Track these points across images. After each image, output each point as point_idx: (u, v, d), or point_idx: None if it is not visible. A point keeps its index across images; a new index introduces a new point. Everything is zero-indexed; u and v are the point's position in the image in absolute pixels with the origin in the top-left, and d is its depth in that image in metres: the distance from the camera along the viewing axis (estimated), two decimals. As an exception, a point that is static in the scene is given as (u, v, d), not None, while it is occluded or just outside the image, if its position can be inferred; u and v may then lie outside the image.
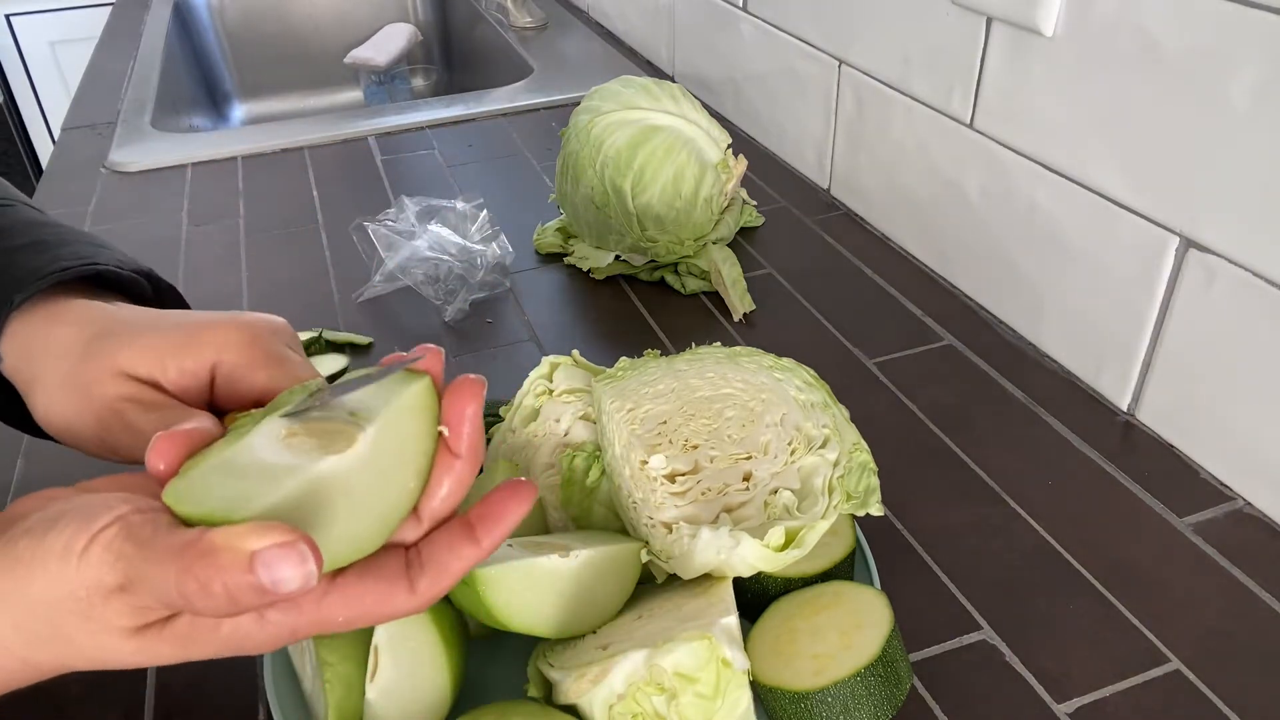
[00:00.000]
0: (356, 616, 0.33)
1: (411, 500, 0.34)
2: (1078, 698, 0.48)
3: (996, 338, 0.75)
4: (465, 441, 0.35)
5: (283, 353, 0.41)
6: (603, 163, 0.79)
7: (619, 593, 0.46)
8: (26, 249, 0.44)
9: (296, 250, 0.91)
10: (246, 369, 0.40)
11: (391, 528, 0.34)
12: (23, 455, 0.66)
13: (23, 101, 2.26)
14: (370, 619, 0.33)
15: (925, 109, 0.80)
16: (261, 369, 0.40)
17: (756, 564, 0.45)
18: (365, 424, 0.34)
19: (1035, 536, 0.58)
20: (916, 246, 0.86)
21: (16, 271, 0.43)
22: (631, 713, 0.41)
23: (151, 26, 1.55)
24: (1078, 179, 0.67)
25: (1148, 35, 0.59)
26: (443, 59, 1.87)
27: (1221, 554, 0.56)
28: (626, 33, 1.44)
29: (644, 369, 0.54)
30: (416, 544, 0.35)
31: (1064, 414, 0.67)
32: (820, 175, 0.99)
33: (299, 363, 0.41)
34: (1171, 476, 0.62)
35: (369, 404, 0.35)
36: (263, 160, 1.10)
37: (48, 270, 0.43)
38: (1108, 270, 0.66)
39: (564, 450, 0.53)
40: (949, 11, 0.74)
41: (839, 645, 0.44)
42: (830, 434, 0.48)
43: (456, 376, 0.36)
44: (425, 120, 1.18)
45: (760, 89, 1.07)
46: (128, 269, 0.46)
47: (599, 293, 0.83)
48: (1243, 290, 0.57)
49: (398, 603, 0.33)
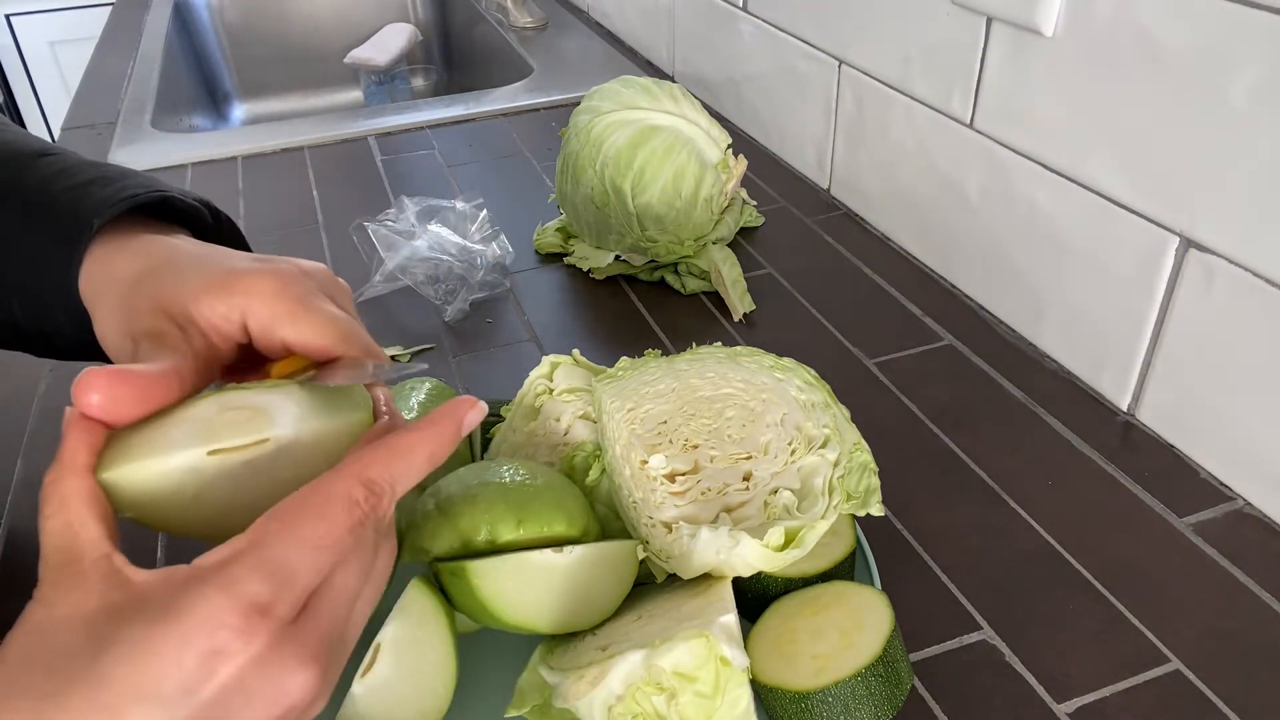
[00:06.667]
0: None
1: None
2: (1078, 698, 0.48)
3: (996, 338, 0.75)
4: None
5: (309, 307, 0.41)
6: (603, 163, 0.79)
7: (616, 590, 0.46)
8: (95, 183, 0.46)
9: (296, 250, 0.91)
10: (270, 322, 0.40)
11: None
12: (22, 455, 0.66)
13: (23, 101, 2.27)
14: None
15: (925, 109, 0.80)
16: (286, 324, 0.40)
17: (756, 564, 0.45)
18: (278, 428, 0.36)
19: (1035, 536, 0.58)
20: (916, 246, 0.86)
21: (90, 202, 0.44)
22: (631, 713, 0.41)
23: (151, 26, 1.55)
24: (1078, 179, 0.67)
25: (1148, 35, 0.59)
26: (443, 59, 1.87)
27: (1221, 554, 0.56)
28: (626, 33, 1.44)
29: (644, 369, 0.54)
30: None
31: (1064, 414, 0.67)
32: (820, 175, 0.99)
33: (323, 319, 0.41)
34: (1171, 476, 0.62)
35: (310, 408, 0.37)
36: (263, 160, 1.10)
37: (119, 198, 0.44)
38: (1107, 270, 0.66)
39: (564, 449, 0.53)
40: (949, 11, 0.74)
41: (839, 645, 0.44)
42: (830, 434, 0.48)
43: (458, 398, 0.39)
44: (425, 120, 1.18)
45: (760, 89, 1.07)
46: (190, 198, 0.48)
47: (599, 293, 0.83)
48: (1243, 290, 0.57)
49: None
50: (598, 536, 0.48)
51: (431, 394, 0.58)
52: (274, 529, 0.32)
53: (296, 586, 0.32)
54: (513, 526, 0.44)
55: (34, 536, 0.58)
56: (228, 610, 0.30)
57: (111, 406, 0.35)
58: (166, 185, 0.47)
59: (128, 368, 0.37)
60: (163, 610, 0.30)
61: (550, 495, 0.46)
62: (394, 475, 0.36)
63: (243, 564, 0.31)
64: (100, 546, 0.33)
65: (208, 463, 0.35)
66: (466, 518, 0.44)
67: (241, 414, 0.36)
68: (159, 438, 0.35)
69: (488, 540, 0.44)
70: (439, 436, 0.37)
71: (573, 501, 0.47)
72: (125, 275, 0.42)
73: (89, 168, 0.47)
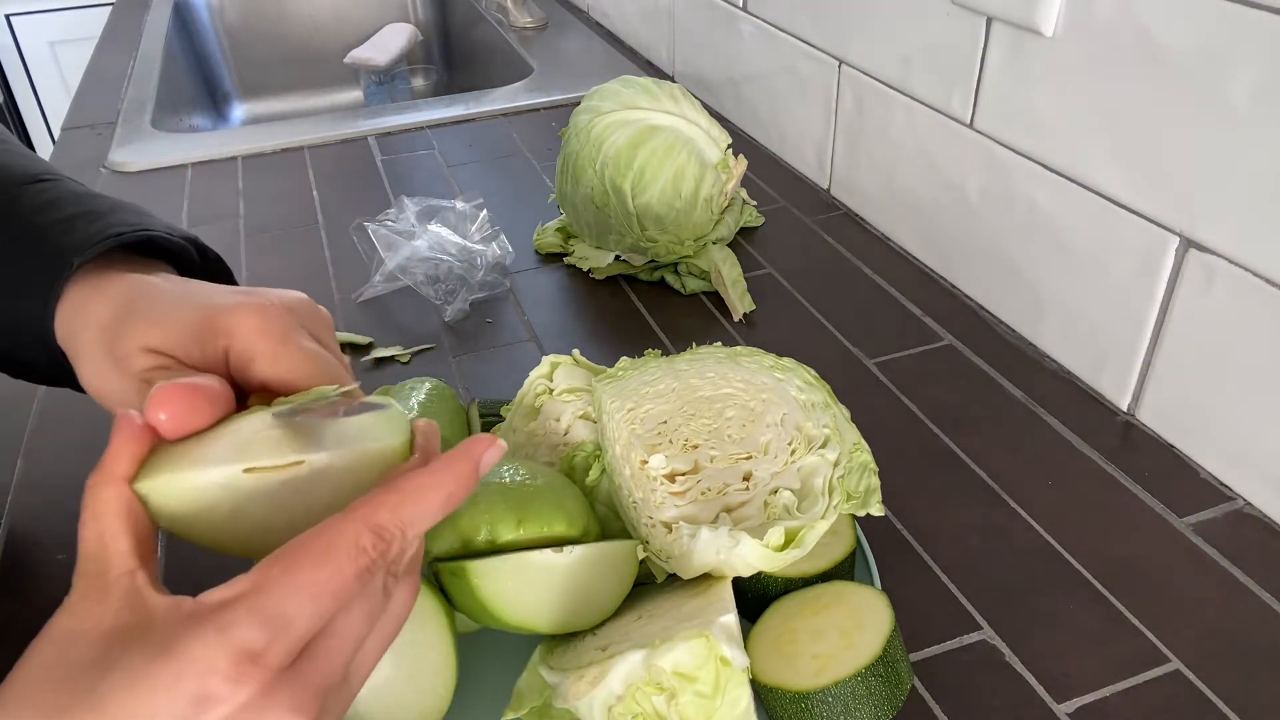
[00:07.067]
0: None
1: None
2: (1078, 698, 0.48)
3: (996, 338, 0.75)
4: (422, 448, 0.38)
5: (289, 344, 0.41)
6: (603, 163, 0.79)
7: (616, 590, 0.46)
8: (81, 217, 0.45)
9: (296, 250, 0.91)
10: (250, 361, 0.40)
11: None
12: (23, 455, 0.66)
13: (23, 101, 2.27)
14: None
15: (925, 109, 0.80)
16: (266, 364, 0.40)
17: (756, 564, 0.45)
18: (315, 452, 0.36)
19: (1035, 536, 0.58)
20: (916, 246, 0.86)
21: (73, 238, 0.44)
22: (631, 713, 0.41)
23: (151, 26, 1.55)
24: (1078, 179, 0.67)
25: (1148, 35, 0.59)
26: (443, 59, 1.87)
27: (1221, 554, 0.56)
28: (626, 33, 1.44)
29: (644, 368, 0.54)
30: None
31: (1064, 414, 0.67)
32: (820, 175, 0.99)
33: (303, 358, 0.40)
34: (1171, 476, 0.62)
35: (350, 433, 0.37)
36: (263, 160, 1.10)
37: (102, 236, 0.44)
38: (1108, 270, 0.66)
39: (564, 449, 0.53)
40: (949, 11, 0.74)
41: (839, 645, 0.44)
42: (831, 434, 0.48)
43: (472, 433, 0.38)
44: (425, 120, 1.18)
45: (760, 89, 1.07)
46: (176, 236, 0.48)
47: (599, 293, 0.83)
48: (1242, 290, 0.57)
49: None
50: (598, 536, 0.48)
51: (431, 394, 0.58)
52: (274, 573, 0.32)
53: (292, 634, 0.31)
54: (513, 526, 0.44)
55: (34, 536, 0.58)
56: (219, 655, 0.30)
57: (175, 424, 0.35)
58: (152, 222, 0.47)
59: (198, 384, 0.36)
60: (162, 645, 0.30)
61: (550, 495, 0.46)
62: (404, 520, 0.34)
63: (240, 608, 0.31)
64: (126, 562, 0.33)
65: (243, 480, 0.35)
66: (466, 517, 0.44)
67: (283, 433, 0.36)
68: (199, 451, 0.35)
69: (488, 540, 0.44)
70: (456, 478, 0.36)
71: (573, 501, 0.47)
72: (102, 320, 0.42)
73: (77, 200, 0.47)
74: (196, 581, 0.33)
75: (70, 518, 0.34)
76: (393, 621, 0.36)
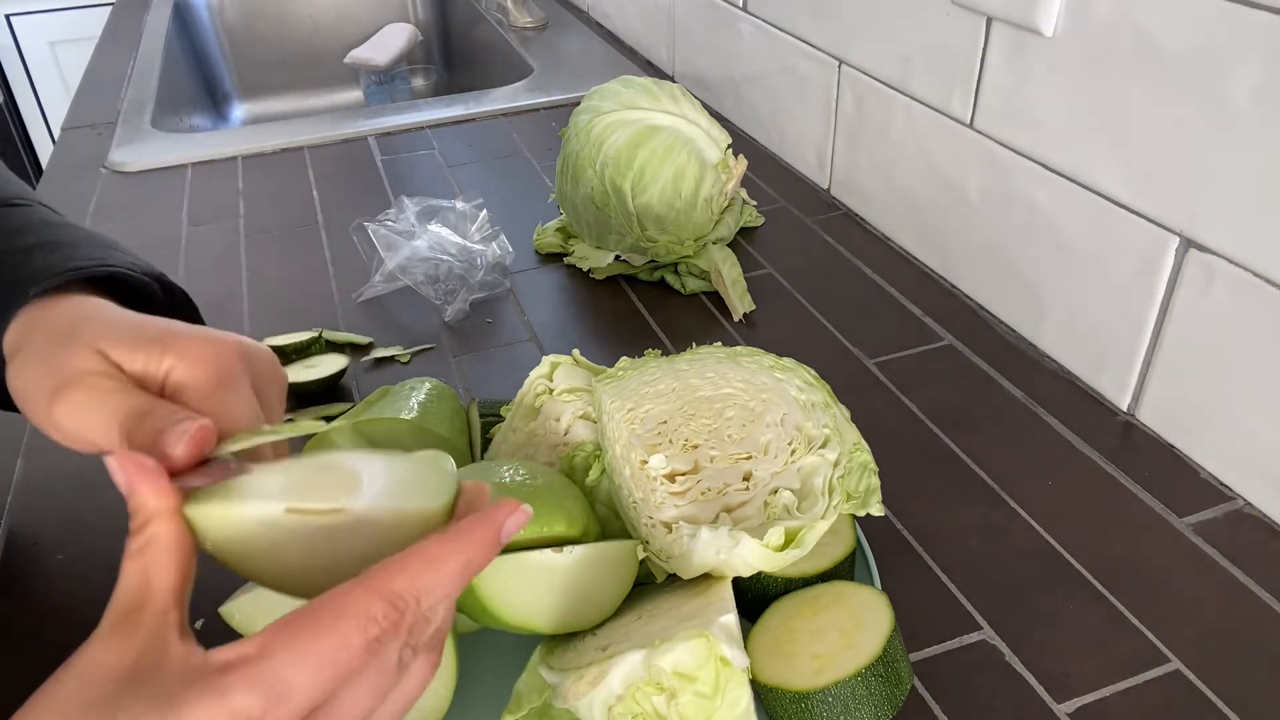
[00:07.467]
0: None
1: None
2: (1078, 698, 0.48)
3: (996, 338, 0.75)
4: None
5: (227, 388, 0.40)
6: (603, 163, 0.79)
7: (616, 590, 0.46)
8: (42, 247, 0.44)
9: (296, 250, 0.91)
10: (185, 387, 0.39)
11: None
12: (23, 455, 0.66)
13: (23, 101, 2.26)
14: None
15: (925, 109, 0.80)
16: (196, 397, 0.39)
17: (756, 564, 0.45)
18: (357, 501, 0.35)
19: (1035, 536, 0.58)
20: (916, 246, 0.86)
21: (32, 268, 0.43)
22: (632, 713, 0.41)
23: (151, 26, 1.55)
24: (1078, 179, 0.67)
25: (1148, 35, 0.59)
26: (443, 59, 1.87)
27: (1221, 554, 0.56)
28: (626, 33, 1.44)
29: (644, 368, 0.54)
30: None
31: (1064, 414, 0.67)
32: (820, 175, 0.99)
33: (233, 408, 0.39)
34: (1171, 476, 0.62)
35: (399, 481, 0.36)
36: (263, 160, 1.10)
37: (62, 268, 0.43)
38: (1108, 270, 0.66)
39: (564, 449, 0.53)
40: (949, 11, 0.74)
41: (839, 645, 0.44)
42: (831, 434, 0.48)
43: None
44: (425, 120, 1.19)
45: (760, 89, 1.07)
46: (139, 272, 0.47)
47: (599, 293, 0.83)
48: (1242, 290, 0.57)
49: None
50: (598, 536, 0.48)
51: (431, 394, 0.58)
52: (279, 641, 0.31)
53: (290, 705, 0.31)
54: (513, 526, 0.44)
55: (34, 536, 0.58)
56: None
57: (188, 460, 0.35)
58: (116, 258, 0.46)
59: (206, 426, 0.36)
60: (164, 701, 0.30)
61: (550, 495, 0.46)
62: (419, 588, 0.33)
63: (241, 674, 0.30)
64: (164, 600, 0.32)
65: (285, 520, 0.34)
66: (466, 518, 0.44)
67: (335, 476, 0.36)
68: (253, 483, 0.35)
69: (488, 540, 0.44)
70: (477, 545, 0.34)
71: (573, 501, 0.47)
72: (55, 328, 0.41)
73: (44, 229, 0.46)
74: (199, 582, 0.33)
75: (70, 518, 0.34)
76: (404, 697, 0.35)
